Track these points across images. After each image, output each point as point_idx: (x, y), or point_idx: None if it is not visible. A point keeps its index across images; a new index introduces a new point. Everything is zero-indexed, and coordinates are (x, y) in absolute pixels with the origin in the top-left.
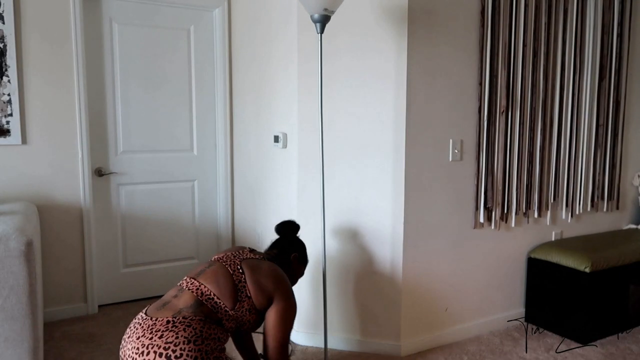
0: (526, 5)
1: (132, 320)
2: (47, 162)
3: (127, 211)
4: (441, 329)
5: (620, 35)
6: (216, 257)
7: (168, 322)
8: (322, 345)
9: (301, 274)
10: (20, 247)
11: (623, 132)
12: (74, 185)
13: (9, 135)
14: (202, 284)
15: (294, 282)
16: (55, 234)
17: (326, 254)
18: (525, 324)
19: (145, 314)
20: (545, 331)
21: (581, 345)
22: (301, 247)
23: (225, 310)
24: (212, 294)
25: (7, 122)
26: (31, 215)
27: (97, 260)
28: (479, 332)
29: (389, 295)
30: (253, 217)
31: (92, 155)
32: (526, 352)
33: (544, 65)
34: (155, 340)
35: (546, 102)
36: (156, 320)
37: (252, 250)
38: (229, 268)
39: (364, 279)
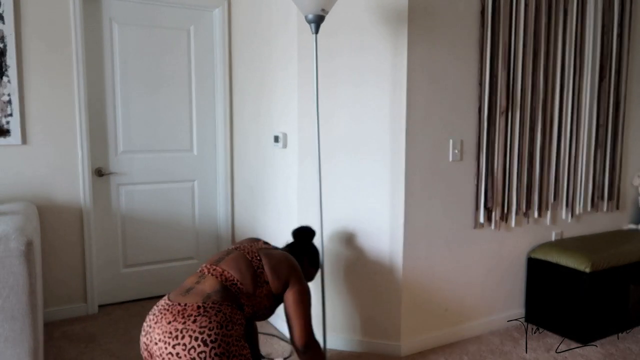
0: (526, 6)
1: (149, 311)
2: (47, 162)
3: (127, 211)
4: (441, 329)
5: (620, 35)
6: (233, 246)
7: (199, 307)
8: (322, 345)
9: (310, 276)
10: (20, 247)
11: (623, 132)
12: (74, 185)
13: (9, 135)
14: (224, 270)
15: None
16: (55, 234)
17: (326, 254)
18: (525, 324)
19: (170, 300)
20: (545, 331)
21: (581, 345)
22: (314, 252)
23: (247, 296)
24: (235, 279)
25: (7, 122)
26: (31, 215)
27: (97, 260)
28: (479, 332)
29: (389, 295)
30: (253, 217)
31: (92, 155)
32: (526, 352)
33: (544, 65)
34: (189, 325)
35: (546, 102)
36: (185, 305)
37: (266, 242)
38: (247, 255)
39: (364, 279)
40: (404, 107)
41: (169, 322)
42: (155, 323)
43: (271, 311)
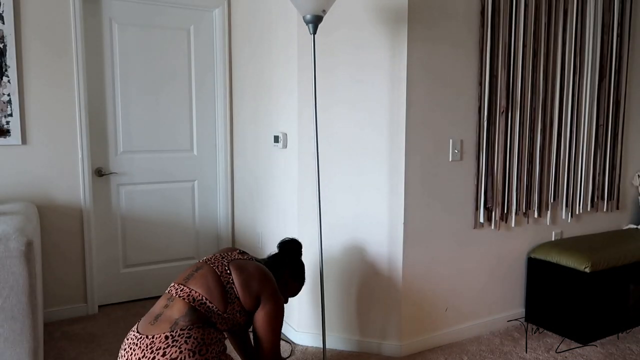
0: (526, 6)
1: (126, 334)
2: (47, 162)
3: (127, 211)
4: (441, 329)
5: (620, 35)
6: (204, 259)
7: (167, 337)
8: (321, 346)
9: (294, 291)
10: (20, 247)
11: (623, 132)
12: (74, 186)
13: (9, 135)
14: (192, 290)
15: (285, 298)
16: (56, 234)
17: (327, 254)
18: (525, 324)
19: (138, 332)
20: (545, 331)
21: (581, 345)
22: (298, 265)
23: (218, 314)
24: (203, 298)
25: (7, 122)
26: (31, 215)
27: (97, 261)
28: (479, 332)
29: (389, 295)
30: (253, 217)
31: (92, 156)
32: (526, 352)
33: (544, 65)
34: (159, 359)
35: (546, 102)
36: (153, 337)
37: (241, 252)
38: (216, 270)
39: (364, 279)
40: (403, 107)
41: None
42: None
43: (248, 325)
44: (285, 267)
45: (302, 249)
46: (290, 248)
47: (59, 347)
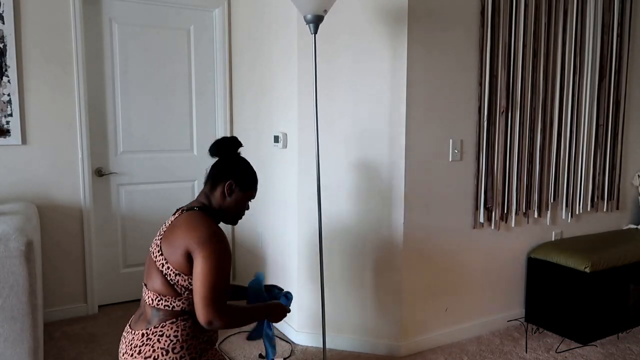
0: (526, 6)
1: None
2: (47, 162)
3: (127, 211)
4: (441, 329)
5: (620, 35)
6: (154, 240)
7: (143, 335)
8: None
9: (244, 200)
10: (20, 247)
11: (623, 132)
12: (74, 186)
13: (9, 135)
14: (149, 291)
15: (237, 216)
16: (56, 234)
17: (326, 255)
18: (525, 324)
19: (129, 325)
20: (545, 331)
21: (581, 345)
22: (241, 169)
23: (178, 300)
24: (158, 296)
25: (7, 122)
26: (31, 215)
27: (97, 260)
28: (479, 332)
29: (389, 295)
30: (253, 217)
31: (92, 156)
32: (526, 352)
33: (544, 65)
34: (135, 357)
35: (546, 102)
36: (134, 334)
37: (179, 209)
38: (152, 256)
39: (364, 279)
40: (403, 107)
41: (123, 354)
42: (120, 351)
43: None
44: (229, 178)
45: (239, 146)
46: (228, 150)
47: (59, 347)
